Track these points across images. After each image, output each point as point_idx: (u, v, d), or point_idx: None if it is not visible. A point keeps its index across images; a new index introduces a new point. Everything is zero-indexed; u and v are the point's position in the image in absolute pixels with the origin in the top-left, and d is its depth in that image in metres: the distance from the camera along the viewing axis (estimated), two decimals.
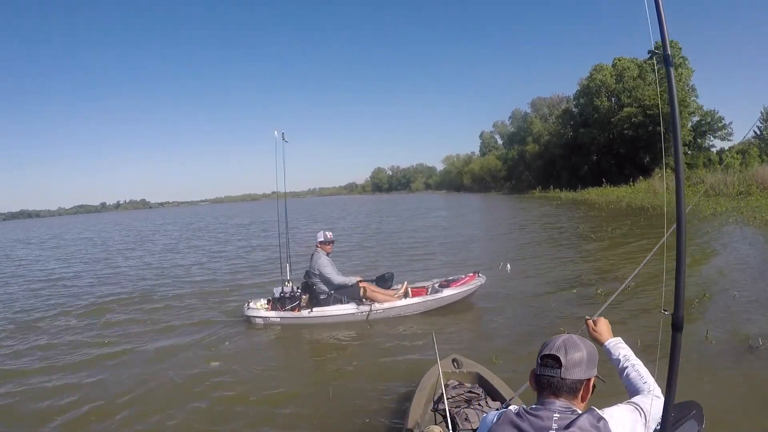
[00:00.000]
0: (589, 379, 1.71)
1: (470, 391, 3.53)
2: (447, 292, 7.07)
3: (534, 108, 69.85)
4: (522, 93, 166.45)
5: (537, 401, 1.73)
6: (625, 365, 2.03)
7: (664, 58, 1.87)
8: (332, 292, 7.05)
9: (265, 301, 7.32)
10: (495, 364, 4.69)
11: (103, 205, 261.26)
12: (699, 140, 42.08)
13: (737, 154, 36.77)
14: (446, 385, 3.47)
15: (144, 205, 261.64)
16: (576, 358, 1.68)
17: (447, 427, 2.85)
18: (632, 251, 11.10)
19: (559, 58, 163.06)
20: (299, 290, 7.22)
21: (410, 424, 3.12)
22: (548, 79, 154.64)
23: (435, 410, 3.38)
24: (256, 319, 7.11)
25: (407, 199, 75.83)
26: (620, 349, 2.12)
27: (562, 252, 12.07)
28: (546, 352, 1.72)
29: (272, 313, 7.08)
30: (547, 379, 1.69)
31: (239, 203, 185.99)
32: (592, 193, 35.73)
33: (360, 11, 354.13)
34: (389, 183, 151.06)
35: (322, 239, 7.24)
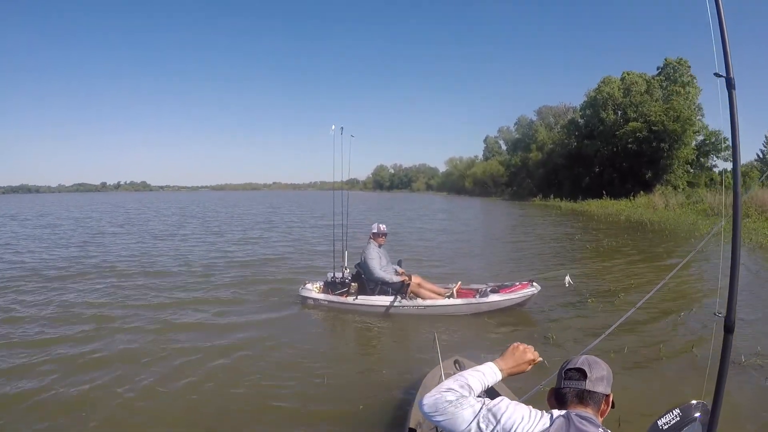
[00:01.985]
0: (609, 395, 1.77)
1: None
2: (492, 298, 6.96)
3: (540, 116, 69.88)
4: (529, 100, 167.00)
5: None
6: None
7: (726, 81, 1.98)
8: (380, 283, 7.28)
9: (321, 284, 7.74)
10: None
11: (103, 184, 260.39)
12: (702, 159, 42.30)
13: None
14: None
15: (144, 187, 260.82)
16: (599, 374, 1.75)
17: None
18: (632, 262, 11.33)
19: (568, 68, 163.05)
20: (350, 277, 7.58)
21: (412, 424, 3.13)
22: (556, 88, 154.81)
23: None
24: (308, 299, 7.64)
25: (409, 198, 75.77)
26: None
27: (566, 263, 12.19)
28: (570, 366, 1.79)
29: (321, 296, 7.57)
30: (572, 390, 1.74)
31: (241, 192, 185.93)
32: (592, 205, 35.79)
33: (369, 9, 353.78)
34: (391, 181, 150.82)
35: (375, 231, 7.52)
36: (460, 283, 7.41)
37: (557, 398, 1.79)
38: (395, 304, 7.08)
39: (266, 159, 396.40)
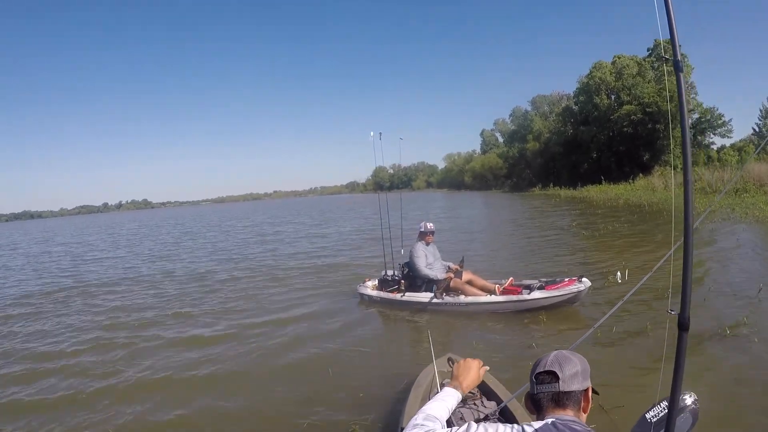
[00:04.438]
0: (587, 390, 1.68)
1: None
2: (535, 295, 6.69)
3: (534, 105, 69.81)
4: (523, 90, 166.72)
5: (543, 419, 1.64)
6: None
7: (674, 63, 2.04)
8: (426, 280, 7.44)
9: (378, 281, 8.20)
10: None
11: (105, 205, 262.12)
12: (699, 137, 42.12)
13: (734, 151, 36.83)
14: (441, 384, 3.34)
15: (146, 205, 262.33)
16: (572, 371, 1.64)
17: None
18: (622, 245, 11.35)
19: (560, 55, 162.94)
20: (401, 275, 7.84)
21: (404, 424, 3.02)
22: (549, 76, 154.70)
23: None
24: (363, 295, 8.15)
25: (411, 197, 75.30)
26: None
27: (565, 253, 12.14)
28: (540, 369, 1.68)
29: (374, 292, 8.00)
30: (546, 395, 1.65)
31: (241, 203, 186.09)
32: (591, 191, 35.74)
33: (360, 7, 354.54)
34: (391, 181, 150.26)
35: (423, 230, 7.65)
36: (511, 279, 7.31)
37: (534, 404, 1.71)
38: (437, 300, 7.16)
39: (265, 168, 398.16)
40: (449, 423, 2.61)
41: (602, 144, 43.45)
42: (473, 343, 5.88)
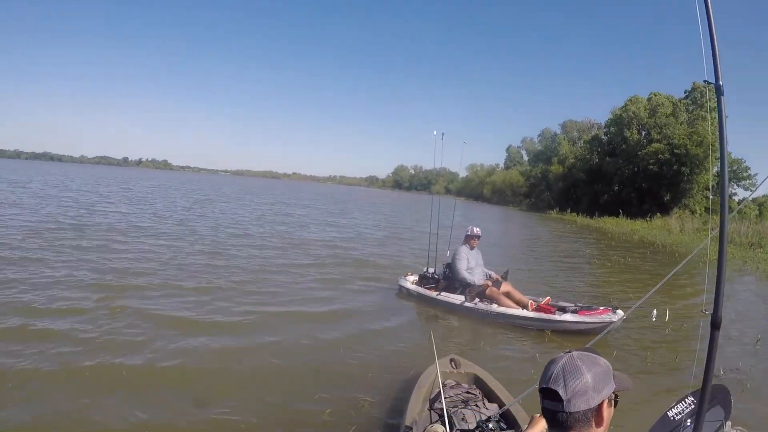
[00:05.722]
0: (601, 404, 1.40)
1: (467, 392, 3.59)
2: (566, 317, 6.68)
3: (564, 130, 70.12)
4: (554, 113, 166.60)
5: None
6: None
7: (716, 88, 1.97)
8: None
9: (418, 277, 8.52)
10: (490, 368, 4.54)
11: (125, 159, 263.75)
12: None
13: (755, 205, 37.02)
14: (444, 385, 3.52)
15: (165, 165, 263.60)
16: (578, 388, 1.37)
17: (444, 426, 2.82)
18: (636, 278, 11.97)
19: (596, 85, 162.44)
20: (442, 274, 8.12)
21: (408, 422, 3.15)
22: (581, 104, 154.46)
23: (432, 409, 3.39)
24: (402, 288, 8.47)
25: (429, 200, 74.39)
26: None
27: (575, 276, 12.84)
28: (543, 384, 1.45)
29: (413, 287, 8.28)
30: (551, 415, 1.43)
31: (260, 179, 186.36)
32: (608, 222, 36.00)
33: (396, 12, 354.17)
34: (410, 182, 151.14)
35: (468, 233, 7.86)
36: (548, 298, 7.38)
37: (544, 416, 1.49)
38: (468, 304, 7.30)
39: (287, 148, 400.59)
40: (451, 425, 2.92)
41: (626, 178, 43.80)
42: (481, 344, 6.24)
